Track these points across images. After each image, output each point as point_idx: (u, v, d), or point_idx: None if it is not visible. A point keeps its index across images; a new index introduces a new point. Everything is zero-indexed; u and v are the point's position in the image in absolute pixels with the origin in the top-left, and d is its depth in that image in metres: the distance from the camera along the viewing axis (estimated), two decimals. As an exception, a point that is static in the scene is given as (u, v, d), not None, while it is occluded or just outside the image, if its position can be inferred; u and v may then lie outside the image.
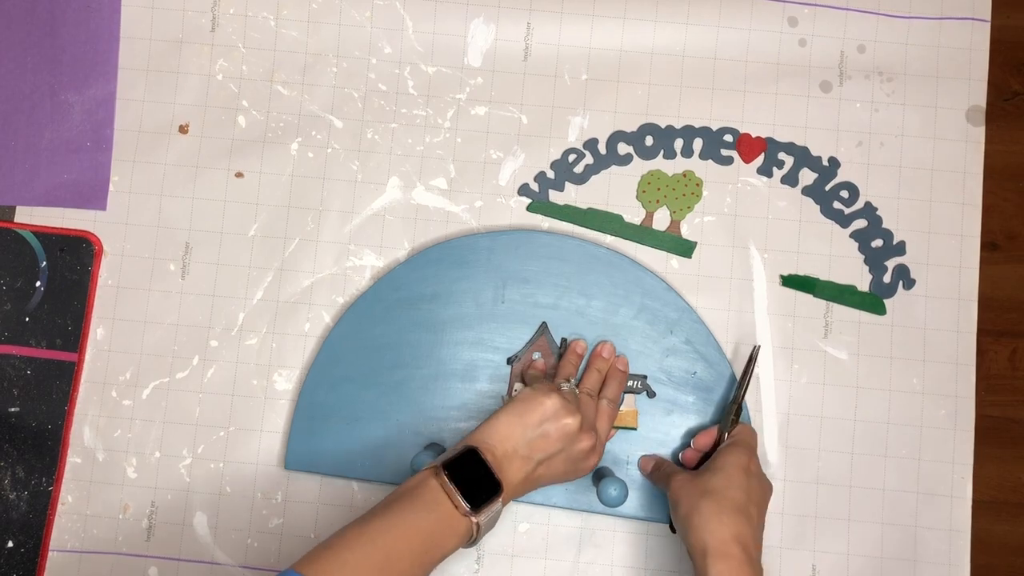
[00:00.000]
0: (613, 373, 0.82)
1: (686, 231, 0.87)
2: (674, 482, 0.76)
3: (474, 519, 0.68)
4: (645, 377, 0.84)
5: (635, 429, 0.84)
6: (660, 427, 0.84)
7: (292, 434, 0.84)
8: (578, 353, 0.83)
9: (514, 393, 0.84)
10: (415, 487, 0.69)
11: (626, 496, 0.78)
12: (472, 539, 0.69)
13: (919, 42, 0.89)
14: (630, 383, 0.84)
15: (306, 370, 0.85)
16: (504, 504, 0.71)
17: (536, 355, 0.85)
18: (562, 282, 0.85)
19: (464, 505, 0.68)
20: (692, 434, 0.82)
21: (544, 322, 0.85)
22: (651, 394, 0.84)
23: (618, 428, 0.83)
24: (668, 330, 0.85)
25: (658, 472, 0.81)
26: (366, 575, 0.64)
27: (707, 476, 0.74)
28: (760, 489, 0.75)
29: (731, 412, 0.80)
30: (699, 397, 0.84)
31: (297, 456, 0.84)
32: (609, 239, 0.87)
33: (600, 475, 0.81)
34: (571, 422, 0.73)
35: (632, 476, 0.83)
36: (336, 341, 0.85)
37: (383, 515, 0.67)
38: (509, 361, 0.85)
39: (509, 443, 0.72)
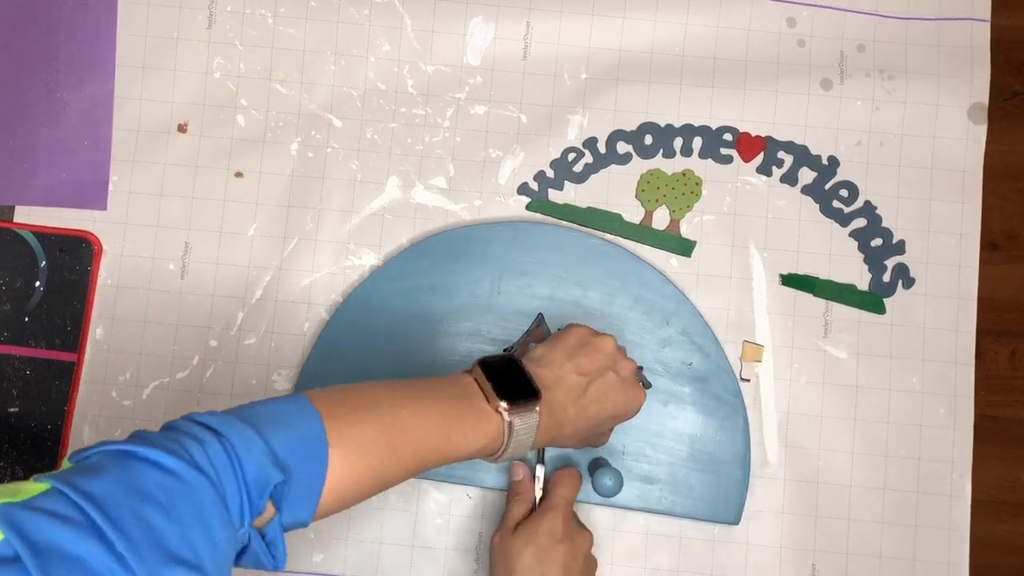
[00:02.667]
0: None
1: (685, 230, 0.87)
2: (493, 541, 0.75)
3: (506, 416, 0.64)
4: (641, 368, 0.84)
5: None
6: (656, 418, 0.84)
7: None
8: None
9: None
10: (449, 378, 0.67)
11: (621, 486, 0.78)
12: (501, 447, 0.66)
13: (919, 41, 0.89)
14: None
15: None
16: (551, 435, 0.68)
17: (533, 346, 0.85)
18: (559, 273, 0.85)
19: (496, 399, 0.65)
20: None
21: (541, 313, 0.85)
22: (647, 385, 0.84)
23: None
24: (664, 320, 0.85)
25: (511, 491, 0.79)
26: (378, 443, 0.60)
27: (519, 547, 0.72)
28: (568, 554, 0.72)
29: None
30: (695, 388, 0.84)
31: None
32: (609, 238, 0.87)
33: (596, 465, 0.81)
34: (609, 339, 0.73)
35: (628, 466, 0.83)
36: (333, 333, 0.85)
37: (414, 390, 0.65)
38: (506, 352, 0.85)
39: (555, 365, 0.70)
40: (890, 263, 0.87)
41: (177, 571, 0.47)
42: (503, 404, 0.65)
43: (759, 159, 0.88)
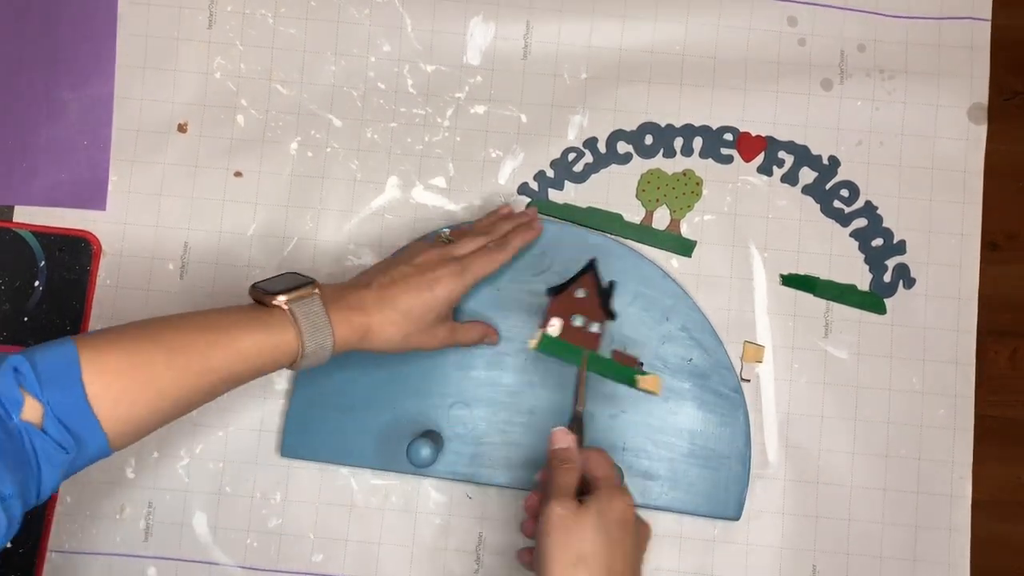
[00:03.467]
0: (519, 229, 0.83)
1: (686, 230, 0.87)
2: (553, 511, 0.64)
3: (284, 305, 0.66)
4: (641, 364, 0.84)
5: (656, 394, 0.84)
6: (656, 414, 0.84)
7: (288, 422, 0.84)
8: (501, 214, 0.84)
9: (550, 328, 0.83)
10: None
11: (622, 482, 0.78)
12: (297, 341, 0.66)
13: (919, 41, 0.89)
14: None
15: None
16: (357, 329, 0.70)
17: (581, 292, 0.84)
18: (558, 269, 0.85)
19: (268, 296, 0.66)
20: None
21: (594, 258, 0.84)
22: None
23: (643, 391, 0.84)
24: (664, 317, 0.85)
25: (555, 460, 0.70)
26: (138, 338, 0.62)
27: (590, 532, 0.63)
28: (633, 544, 0.66)
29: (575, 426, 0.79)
30: (695, 384, 0.84)
31: (293, 444, 0.84)
32: (609, 236, 0.87)
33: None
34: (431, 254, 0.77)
35: (628, 462, 0.83)
36: None
37: (183, 312, 0.67)
38: (549, 292, 0.84)
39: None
40: (891, 263, 0.87)
41: None
42: (278, 298, 0.66)
43: (760, 159, 0.88)
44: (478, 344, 0.82)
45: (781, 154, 0.88)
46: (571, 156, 0.88)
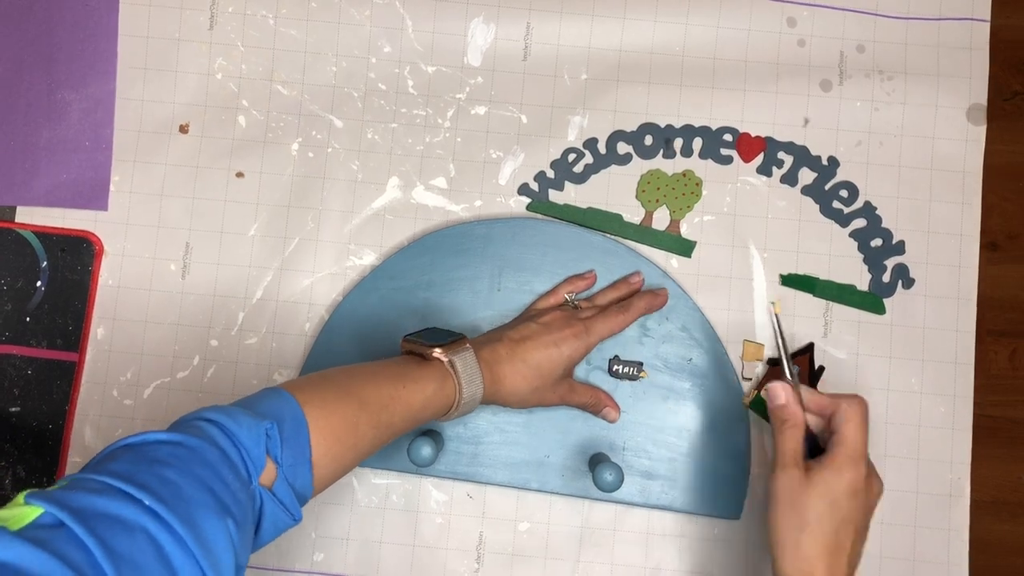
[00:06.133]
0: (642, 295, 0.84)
1: (686, 230, 0.87)
2: (778, 482, 0.68)
3: (444, 357, 0.70)
4: (641, 364, 0.84)
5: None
6: (656, 414, 0.84)
7: None
8: (632, 283, 0.85)
9: (763, 392, 0.82)
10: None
11: (621, 481, 0.78)
12: (455, 390, 0.70)
13: (918, 42, 0.89)
14: (626, 370, 0.84)
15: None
16: (496, 382, 0.73)
17: (795, 368, 0.84)
18: (559, 269, 0.86)
19: (428, 347, 0.70)
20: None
21: (812, 343, 0.86)
22: (638, 375, 0.84)
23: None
24: (664, 316, 0.85)
25: (776, 419, 0.72)
26: (341, 398, 0.64)
27: (814, 499, 0.66)
28: (864, 509, 0.67)
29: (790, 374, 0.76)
30: (695, 383, 0.84)
31: None
32: (609, 236, 0.87)
33: (596, 460, 0.81)
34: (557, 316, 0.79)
35: (628, 462, 0.83)
36: (333, 332, 0.85)
37: (361, 364, 0.70)
38: (770, 362, 0.86)
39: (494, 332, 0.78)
40: (890, 263, 0.87)
41: (204, 513, 0.51)
42: (436, 350, 0.70)
43: (759, 159, 0.88)
44: (588, 409, 0.83)
45: (780, 155, 0.88)
46: (571, 157, 0.88)
